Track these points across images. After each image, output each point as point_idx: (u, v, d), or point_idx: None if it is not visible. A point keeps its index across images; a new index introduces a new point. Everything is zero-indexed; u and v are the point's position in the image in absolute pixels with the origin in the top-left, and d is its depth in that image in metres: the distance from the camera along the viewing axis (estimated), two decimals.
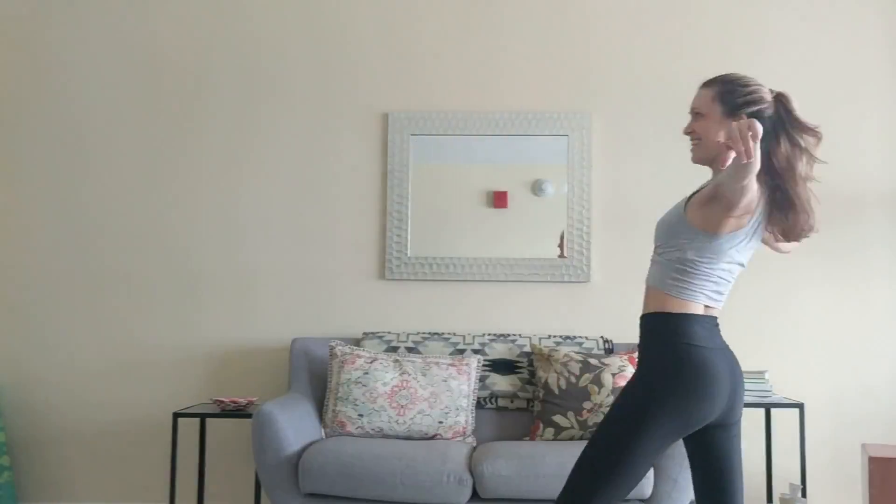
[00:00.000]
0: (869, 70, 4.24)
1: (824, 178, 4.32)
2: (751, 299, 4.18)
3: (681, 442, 2.29)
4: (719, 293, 2.23)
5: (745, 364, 4.06)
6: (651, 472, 3.29)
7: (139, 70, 4.38)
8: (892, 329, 4.15)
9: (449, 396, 3.70)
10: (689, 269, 2.19)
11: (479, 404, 3.88)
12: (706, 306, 2.21)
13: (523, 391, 3.90)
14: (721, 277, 2.22)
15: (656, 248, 2.32)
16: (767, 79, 4.59)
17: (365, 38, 4.35)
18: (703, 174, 4.51)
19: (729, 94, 2.24)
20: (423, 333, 4.03)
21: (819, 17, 4.26)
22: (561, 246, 4.20)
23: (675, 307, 2.19)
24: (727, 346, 2.26)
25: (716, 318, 2.25)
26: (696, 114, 2.29)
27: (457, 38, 4.33)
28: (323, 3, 4.37)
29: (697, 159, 2.33)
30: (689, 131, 2.31)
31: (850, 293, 4.18)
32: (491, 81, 4.30)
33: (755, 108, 2.21)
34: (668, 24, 4.29)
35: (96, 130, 4.37)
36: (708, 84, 2.29)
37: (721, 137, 2.21)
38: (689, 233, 2.21)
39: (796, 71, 4.24)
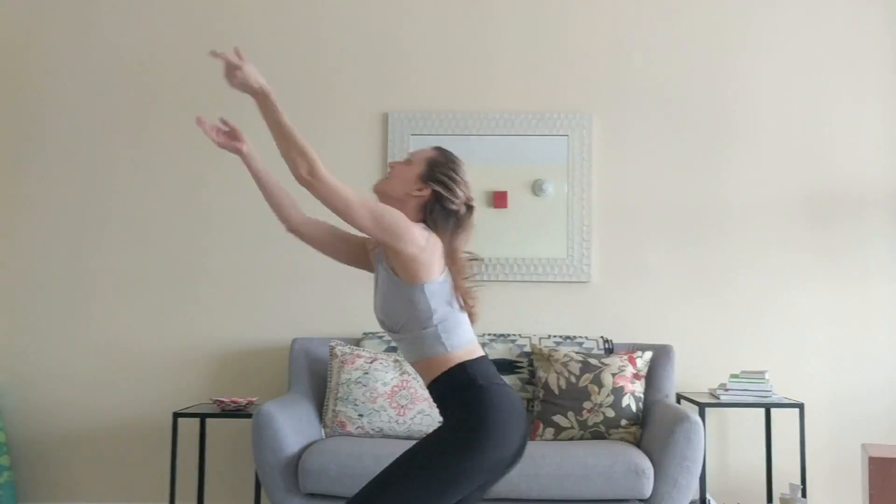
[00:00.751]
0: (869, 70, 4.24)
1: (824, 178, 4.37)
2: (751, 299, 4.18)
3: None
4: (470, 333, 2.26)
5: (746, 364, 4.10)
6: (651, 472, 3.28)
7: (138, 70, 4.38)
8: (891, 329, 4.15)
9: None
10: (434, 326, 2.19)
11: None
12: (470, 350, 2.23)
13: (523, 391, 3.89)
14: (460, 320, 2.23)
15: (393, 331, 2.27)
16: (768, 79, 4.63)
17: (365, 38, 4.35)
18: (707, 170, 4.51)
19: (439, 167, 2.31)
20: None
21: (819, 16, 4.26)
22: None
23: (449, 363, 2.19)
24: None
25: (486, 355, 2.27)
26: (408, 158, 2.35)
27: (457, 38, 4.33)
28: (323, 4, 4.37)
29: (379, 190, 2.34)
30: (391, 164, 2.38)
31: (850, 293, 4.18)
32: (491, 81, 4.30)
33: (445, 193, 2.28)
34: (668, 24, 4.29)
35: (96, 131, 4.36)
36: (433, 148, 2.37)
37: (402, 190, 2.28)
38: (410, 293, 2.18)
39: (796, 70, 4.24)
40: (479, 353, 2.25)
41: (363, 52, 4.34)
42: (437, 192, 2.27)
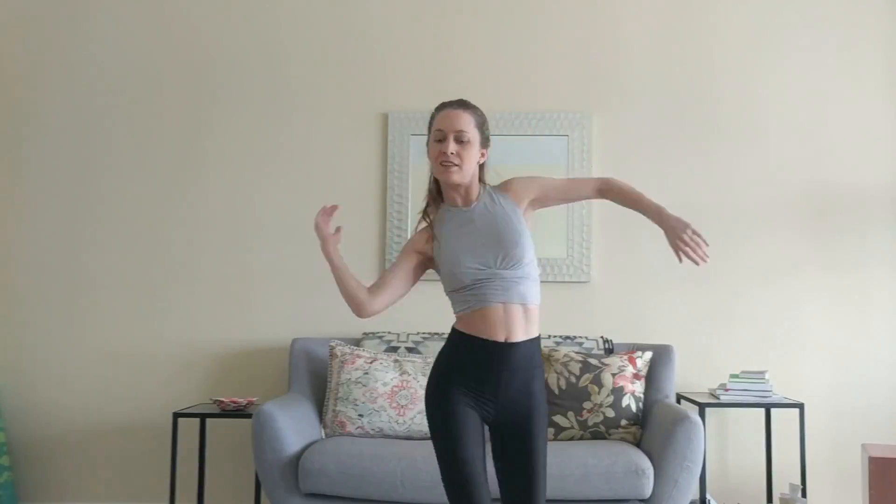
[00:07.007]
0: (869, 69, 4.23)
1: (825, 178, 4.37)
2: (751, 300, 4.18)
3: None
4: None
5: (746, 364, 4.10)
6: (651, 472, 3.28)
7: (142, 71, 4.38)
8: (892, 329, 4.15)
9: None
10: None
11: None
12: None
13: None
14: None
15: (516, 263, 2.34)
16: (768, 81, 4.62)
17: (365, 38, 4.35)
18: (707, 171, 4.50)
19: (484, 126, 2.43)
20: (423, 333, 4.03)
21: (819, 18, 4.26)
22: None
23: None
24: None
25: None
26: (462, 140, 2.34)
27: (456, 38, 4.33)
28: (323, 4, 4.37)
29: (455, 182, 2.37)
30: (455, 153, 2.35)
31: (850, 293, 4.17)
32: (491, 81, 4.30)
33: (488, 148, 2.43)
34: (667, 24, 4.29)
35: (98, 131, 4.37)
36: (468, 108, 2.39)
37: (476, 161, 2.38)
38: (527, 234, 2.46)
39: (796, 73, 4.24)
40: None
41: (363, 52, 4.34)
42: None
